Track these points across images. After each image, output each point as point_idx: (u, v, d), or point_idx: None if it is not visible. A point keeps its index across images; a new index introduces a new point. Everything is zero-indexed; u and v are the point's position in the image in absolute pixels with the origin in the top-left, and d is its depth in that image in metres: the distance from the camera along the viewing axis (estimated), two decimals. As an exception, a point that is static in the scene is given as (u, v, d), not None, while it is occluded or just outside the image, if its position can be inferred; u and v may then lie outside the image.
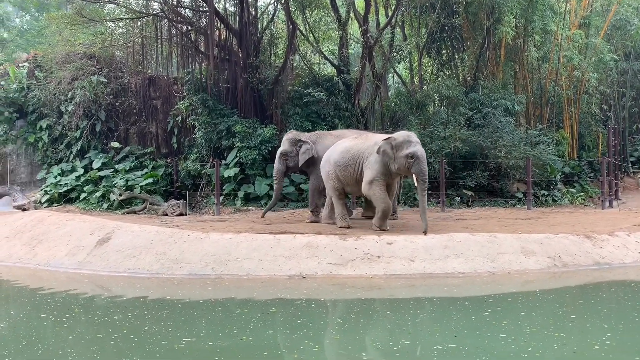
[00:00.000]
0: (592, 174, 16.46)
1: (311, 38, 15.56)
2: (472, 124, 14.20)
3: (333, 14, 15.06)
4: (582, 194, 14.94)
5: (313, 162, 10.15)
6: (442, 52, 17.46)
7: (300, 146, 10.17)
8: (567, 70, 16.08)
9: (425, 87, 16.56)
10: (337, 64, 15.29)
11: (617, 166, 15.43)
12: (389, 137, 8.64)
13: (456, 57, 17.39)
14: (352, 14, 15.39)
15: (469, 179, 13.60)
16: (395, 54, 15.47)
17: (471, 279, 6.98)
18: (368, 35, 14.25)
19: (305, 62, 15.40)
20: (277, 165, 10.54)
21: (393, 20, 15.04)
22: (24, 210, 13.07)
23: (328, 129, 13.30)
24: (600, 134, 17.30)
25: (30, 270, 8.48)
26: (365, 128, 14.86)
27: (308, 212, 11.78)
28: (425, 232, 7.97)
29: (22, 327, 5.58)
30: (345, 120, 13.99)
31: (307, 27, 15.37)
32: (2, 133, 15.60)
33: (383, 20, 15.75)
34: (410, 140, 8.44)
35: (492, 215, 11.01)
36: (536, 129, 14.87)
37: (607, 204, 13.83)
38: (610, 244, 8.02)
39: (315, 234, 8.19)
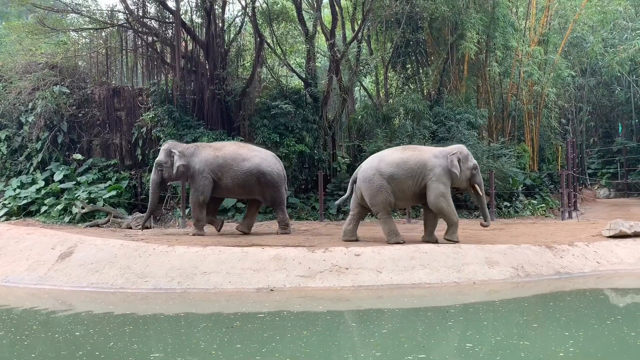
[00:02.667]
0: (552, 186, 16.99)
1: (278, 51, 15.64)
2: (437, 137, 14.48)
3: (300, 28, 15.19)
4: (543, 205, 15.39)
5: (191, 175, 9.92)
6: (407, 66, 17.82)
7: (174, 157, 9.93)
8: (527, 85, 16.62)
9: (390, 100, 16.85)
10: (304, 76, 15.40)
11: (575, 178, 15.98)
12: (455, 151, 8.66)
13: (421, 71, 17.78)
14: (319, 28, 15.57)
15: (434, 191, 13.81)
16: (361, 67, 15.69)
17: (437, 290, 7.08)
18: (335, 49, 14.42)
19: (272, 74, 15.44)
20: (152, 175, 10.38)
21: (359, 34, 15.26)
22: (-20, 224, 12.60)
23: (296, 142, 13.38)
24: (560, 147, 17.91)
25: (-13, 287, 8.17)
26: (333, 141, 14.99)
27: (275, 224, 11.77)
28: (487, 225, 9.35)
29: (-21, 346, 5.36)
30: (313, 132, 14.07)
31: (275, 39, 15.45)
32: (-43, 145, 15.06)
33: (350, 34, 15.99)
34: (469, 153, 8.82)
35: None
36: (498, 142, 15.28)
37: (566, 215, 14.27)
38: (570, 254, 8.27)
39: (283, 246, 8.18)
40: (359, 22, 15.40)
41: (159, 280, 7.44)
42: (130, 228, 11.96)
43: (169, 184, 11.39)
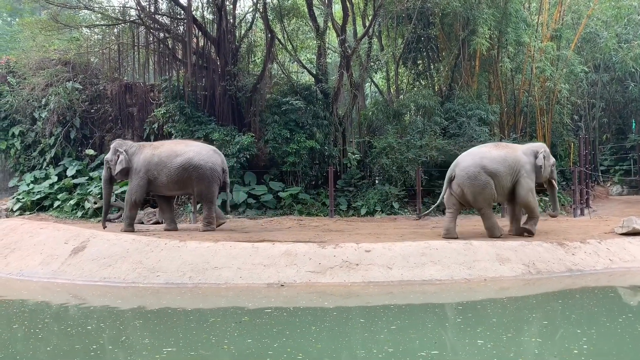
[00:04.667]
0: (564, 183, 16.84)
1: (289, 47, 15.63)
2: (448, 133, 14.42)
3: (311, 24, 15.17)
4: (555, 202, 15.25)
5: (131, 174, 9.97)
6: (418, 62, 17.72)
7: (119, 155, 9.95)
8: (539, 81, 16.47)
9: (401, 96, 16.78)
10: (315, 72, 15.39)
11: (588, 175, 15.83)
12: (541, 149, 9.17)
13: (432, 67, 17.68)
14: (330, 24, 15.54)
15: (445, 187, 13.78)
16: (372, 63, 15.65)
17: (448, 286, 7.07)
18: (346, 45, 14.39)
19: (283, 70, 15.44)
20: (103, 172, 10.48)
21: (370, 30, 15.22)
22: (-5, 218, 12.76)
23: (307, 138, 13.39)
24: (572, 144, 17.75)
25: (2, 280, 8.28)
26: (343, 137, 14.99)
27: (287, 219, 11.81)
28: (556, 215, 9.86)
29: (-5, 339, 5.45)
30: (323, 128, 14.06)
31: (285, 35, 15.44)
32: (-29, 140, 15.25)
33: (360, 30, 15.93)
34: (549, 151, 9.39)
35: (468, 224, 11.16)
36: (510, 138, 15.17)
37: (578, 212, 14.15)
38: (582, 251, 8.21)
39: (294, 242, 8.20)
40: (369, 18, 15.35)
41: (171, 275, 7.50)
42: (142, 223, 12.05)
43: (118, 181, 11.33)
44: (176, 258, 7.78)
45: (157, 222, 12.34)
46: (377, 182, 14.38)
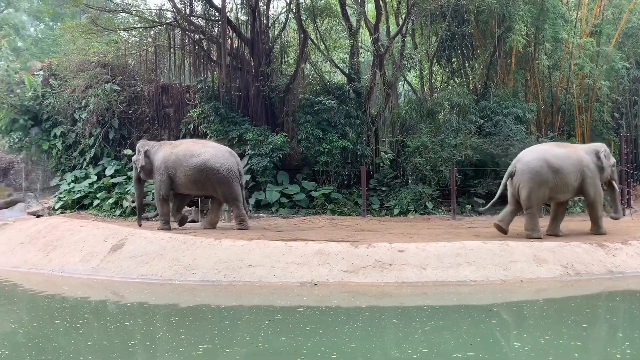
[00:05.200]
0: (604, 182, 16.35)
1: (322, 46, 15.67)
2: (483, 131, 14.19)
3: (344, 23, 15.17)
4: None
5: (154, 172, 10.25)
6: (453, 60, 17.50)
7: (141, 156, 10.28)
8: (578, 78, 16.05)
9: (435, 95, 16.60)
10: (347, 72, 15.38)
11: (629, 175, 15.34)
12: (602, 149, 9.15)
13: (466, 65, 17.43)
14: (362, 23, 15.50)
15: (480, 187, 13.58)
16: (405, 62, 15.53)
17: (483, 287, 6.96)
18: (379, 43, 14.33)
19: (316, 70, 15.49)
20: (133, 172, 10.89)
21: (403, 28, 15.11)
22: (38, 216, 13.20)
23: (339, 137, 13.39)
24: (613, 142, 17.21)
25: (45, 276, 8.56)
26: (376, 136, 14.92)
27: (320, 218, 11.85)
28: (619, 218, 9.61)
29: (37, 334, 5.64)
30: (355, 128, 14.04)
31: (318, 35, 15.48)
32: (17, 140, 15.81)
33: (394, 28, 15.83)
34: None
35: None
36: (547, 137, 14.83)
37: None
38: (623, 253, 7.96)
39: (326, 241, 8.22)
40: (403, 16, 15.24)
41: (206, 272, 7.61)
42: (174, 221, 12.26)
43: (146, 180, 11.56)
44: (211, 256, 7.90)
45: (193, 221, 12.55)
46: (410, 181, 14.28)
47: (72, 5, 15.12)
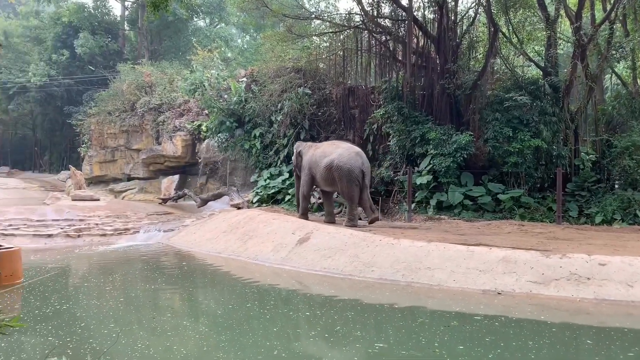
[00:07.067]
0: None
1: (514, 40, 14.64)
2: None
3: (540, 13, 13.98)
4: None
5: (302, 169, 11.62)
6: (676, 46, 14.95)
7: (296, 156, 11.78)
8: None
9: (651, 88, 14.37)
10: (543, 65, 14.13)
11: None
12: None
13: (694, 52, 14.76)
14: (562, 12, 14.10)
15: None
16: (614, 52, 13.69)
17: None
18: (581, 32, 12.88)
19: (507, 65, 14.54)
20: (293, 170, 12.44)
21: (612, 14, 13.35)
22: (239, 208, 14.70)
23: (531, 136, 12.40)
24: None
25: (241, 263, 9.47)
26: (575, 135, 13.47)
27: (507, 224, 11.15)
28: None
29: (233, 316, 6.23)
30: (551, 126, 12.82)
31: (510, 28, 14.50)
32: (224, 140, 17.79)
33: (600, 15, 14.08)
34: None
35: None
36: None
37: None
38: None
39: (513, 248, 7.65)
40: (611, 1, 13.47)
41: (385, 271, 7.65)
42: (360, 219, 12.57)
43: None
44: (390, 255, 7.92)
45: (373, 219, 12.76)
46: (616, 186, 12.58)
47: (271, 15, 16.47)
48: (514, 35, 14.50)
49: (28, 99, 31.25)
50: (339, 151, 10.92)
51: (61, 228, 12.69)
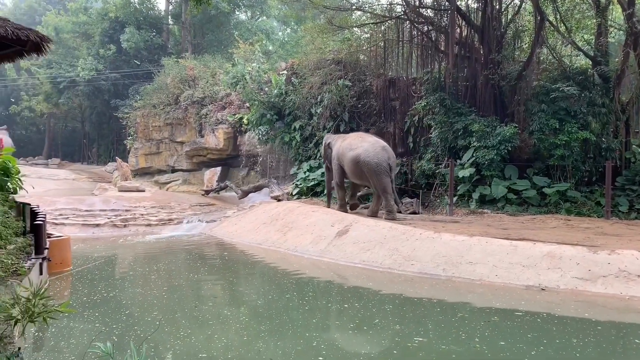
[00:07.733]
0: None
1: (562, 28, 14.14)
2: None
3: (590, 0, 13.45)
4: None
5: (332, 161, 11.83)
6: None
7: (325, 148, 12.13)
8: None
9: None
10: (592, 54, 13.61)
11: None
12: None
13: None
14: (614, -2, 13.51)
15: None
16: (670, 39, 13.04)
17: None
18: (634, 19, 12.32)
19: (554, 54, 14.06)
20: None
21: (669, -1, 12.71)
22: (278, 200, 14.83)
23: (579, 128, 12.00)
24: None
25: (281, 254, 9.56)
26: (627, 127, 12.94)
27: (552, 218, 10.86)
28: None
29: (273, 306, 6.31)
30: (600, 117, 12.34)
31: (558, 16, 14.00)
32: (264, 133, 17.94)
33: (655, 0, 13.43)
34: None
35: None
36: None
37: None
38: None
39: (558, 243, 7.43)
40: (668, -15, 12.82)
41: (425, 264, 7.58)
42: (400, 212, 12.49)
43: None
44: (430, 249, 7.83)
45: (414, 212, 12.65)
46: (671, 180, 12.03)
47: (312, 6, 16.44)
48: (562, 24, 14.00)
49: (77, 92, 32.37)
50: (365, 145, 10.98)
51: (108, 218, 13.13)
